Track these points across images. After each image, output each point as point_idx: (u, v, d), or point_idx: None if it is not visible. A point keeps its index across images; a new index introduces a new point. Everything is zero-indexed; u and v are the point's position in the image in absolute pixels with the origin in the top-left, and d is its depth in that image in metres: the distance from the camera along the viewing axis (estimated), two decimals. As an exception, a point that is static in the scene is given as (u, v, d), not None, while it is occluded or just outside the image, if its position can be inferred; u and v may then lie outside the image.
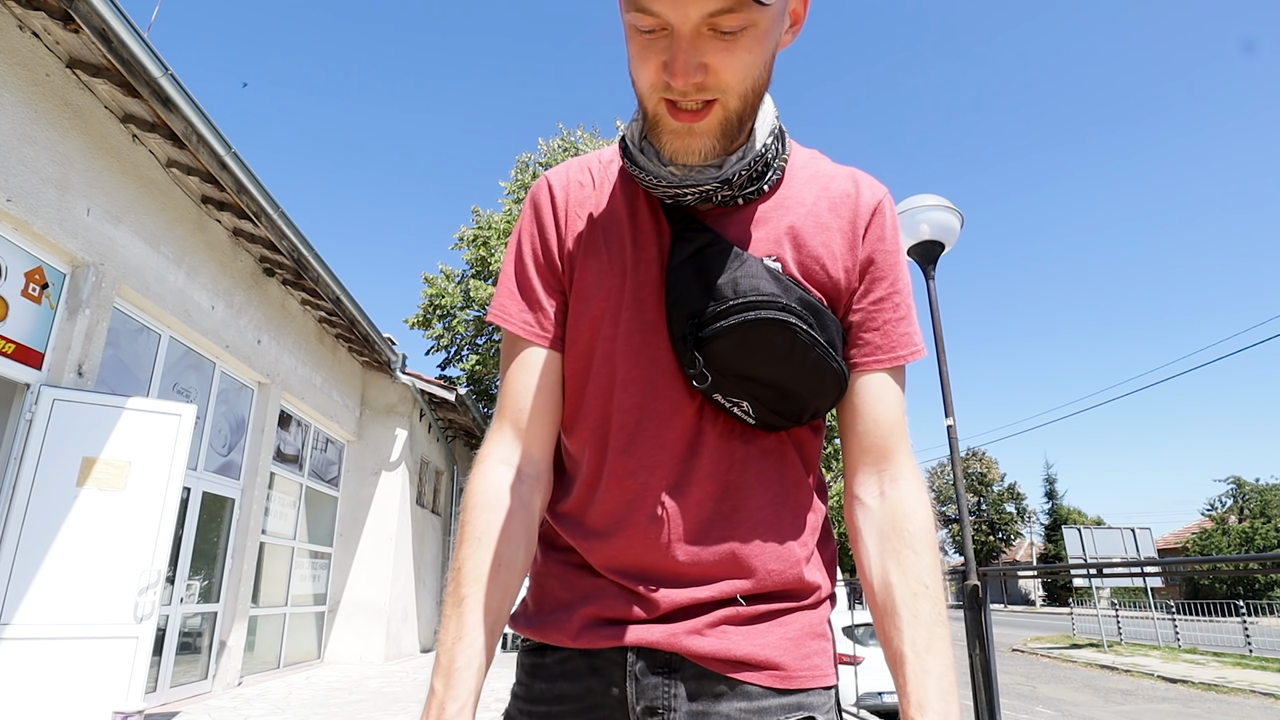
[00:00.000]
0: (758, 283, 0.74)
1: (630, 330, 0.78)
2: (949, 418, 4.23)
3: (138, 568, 4.25)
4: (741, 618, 0.75)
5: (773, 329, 0.73)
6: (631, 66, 0.69)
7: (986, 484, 54.50)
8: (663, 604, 0.75)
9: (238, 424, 7.08)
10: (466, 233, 13.64)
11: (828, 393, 0.78)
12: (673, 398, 0.77)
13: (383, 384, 10.41)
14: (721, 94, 0.67)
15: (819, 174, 0.83)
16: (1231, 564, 12.95)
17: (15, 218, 4.11)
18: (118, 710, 4.02)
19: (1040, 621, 30.53)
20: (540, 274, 0.83)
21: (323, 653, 9.33)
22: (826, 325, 0.76)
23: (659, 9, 0.62)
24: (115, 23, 4.00)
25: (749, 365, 0.74)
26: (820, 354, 0.75)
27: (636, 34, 0.66)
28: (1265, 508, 31.29)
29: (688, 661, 0.74)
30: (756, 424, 0.78)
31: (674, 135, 0.70)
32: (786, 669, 0.74)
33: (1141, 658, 14.34)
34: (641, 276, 0.78)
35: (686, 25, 0.63)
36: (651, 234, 0.79)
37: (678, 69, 0.64)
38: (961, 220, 4.51)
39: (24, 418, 4.21)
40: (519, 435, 0.81)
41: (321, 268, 6.90)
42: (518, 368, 0.82)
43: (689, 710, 0.73)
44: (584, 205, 0.83)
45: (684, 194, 0.75)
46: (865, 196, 0.81)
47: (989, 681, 3.49)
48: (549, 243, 0.83)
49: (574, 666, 0.77)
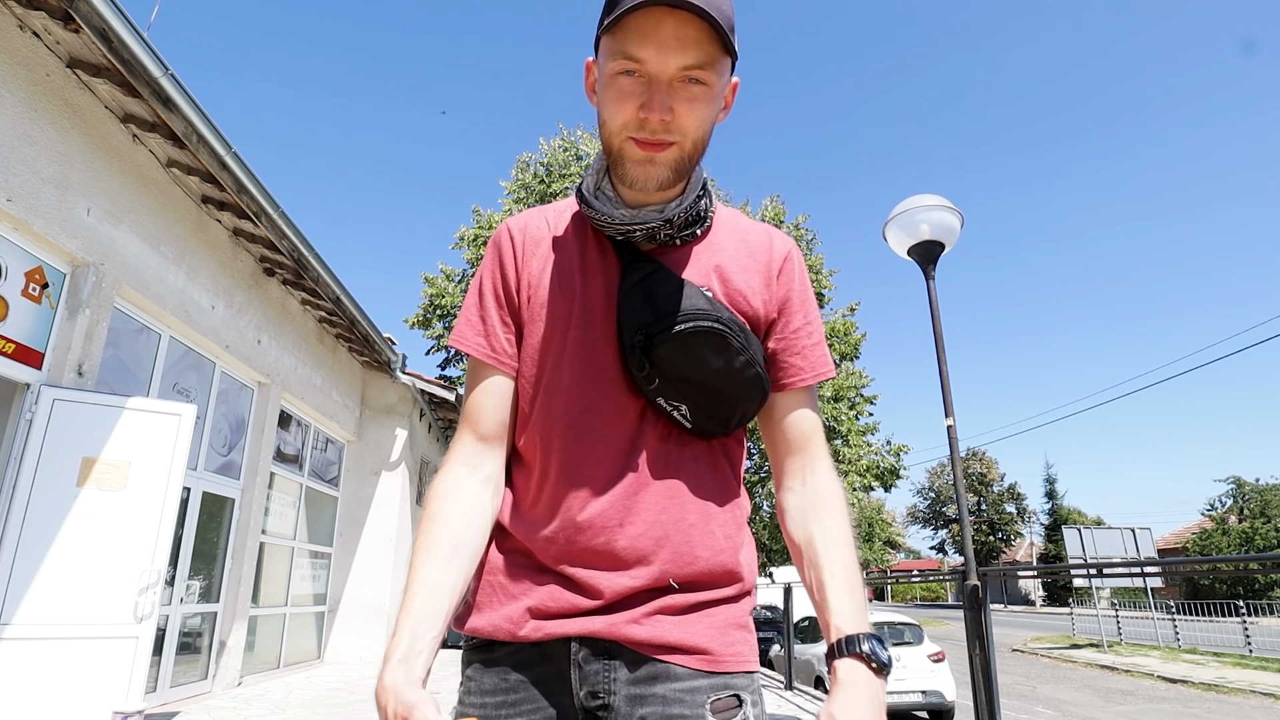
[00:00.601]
0: (696, 302, 0.88)
1: (578, 345, 0.90)
2: (949, 418, 4.23)
3: (138, 568, 4.25)
4: (674, 608, 0.85)
5: (710, 337, 0.86)
6: (605, 111, 0.84)
7: (986, 484, 54.47)
8: (605, 594, 0.84)
9: (238, 424, 7.08)
10: (467, 232, 13.63)
11: (752, 398, 0.91)
12: (617, 402, 0.88)
13: (383, 384, 10.41)
14: (681, 137, 0.83)
15: (739, 227, 0.99)
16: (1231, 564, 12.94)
17: (15, 218, 4.11)
18: (118, 710, 4.02)
19: (1040, 621, 30.52)
20: (498, 306, 0.96)
21: (323, 653, 9.33)
22: (751, 341, 0.90)
23: (645, 56, 0.78)
24: (115, 22, 4.00)
25: (689, 369, 0.86)
26: (747, 360, 0.88)
27: (616, 79, 0.82)
28: (1265, 508, 31.26)
29: (626, 648, 0.84)
30: (693, 428, 0.89)
31: (637, 164, 0.85)
32: (714, 654, 0.84)
33: (1141, 658, 14.34)
34: (589, 301, 0.91)
35: (665, 73, 0.79)
36: (599, 267, 0.93)
37: (655, 105, 0.80)
38: (961, 220, 4.51)
39: (24, 418, 4.22)
40: (478, 443, 0.93)
41: (321, 268, 6.90)
42: (476, 386, 0.94)
43: (627, 694, 0.83)
44: (539, 245, 0.96)
45: (633, 231, 0.90)
46: (777, 247, 0.98)
47: (989, 681, 3.49)
48: (508, 279, 0.96)
49: (526, 657, 0.86)
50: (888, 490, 13.65)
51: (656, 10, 0.77)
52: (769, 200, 14.96)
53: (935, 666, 8.43)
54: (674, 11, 0.76)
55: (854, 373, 13.33)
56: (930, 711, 8.47)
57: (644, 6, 0.76)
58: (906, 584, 62.04)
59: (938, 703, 8.25)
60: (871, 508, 31.23)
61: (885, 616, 9.34)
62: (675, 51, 0.78)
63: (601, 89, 0.85)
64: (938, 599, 60.61)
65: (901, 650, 8.53)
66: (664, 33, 0.77)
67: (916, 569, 66.20)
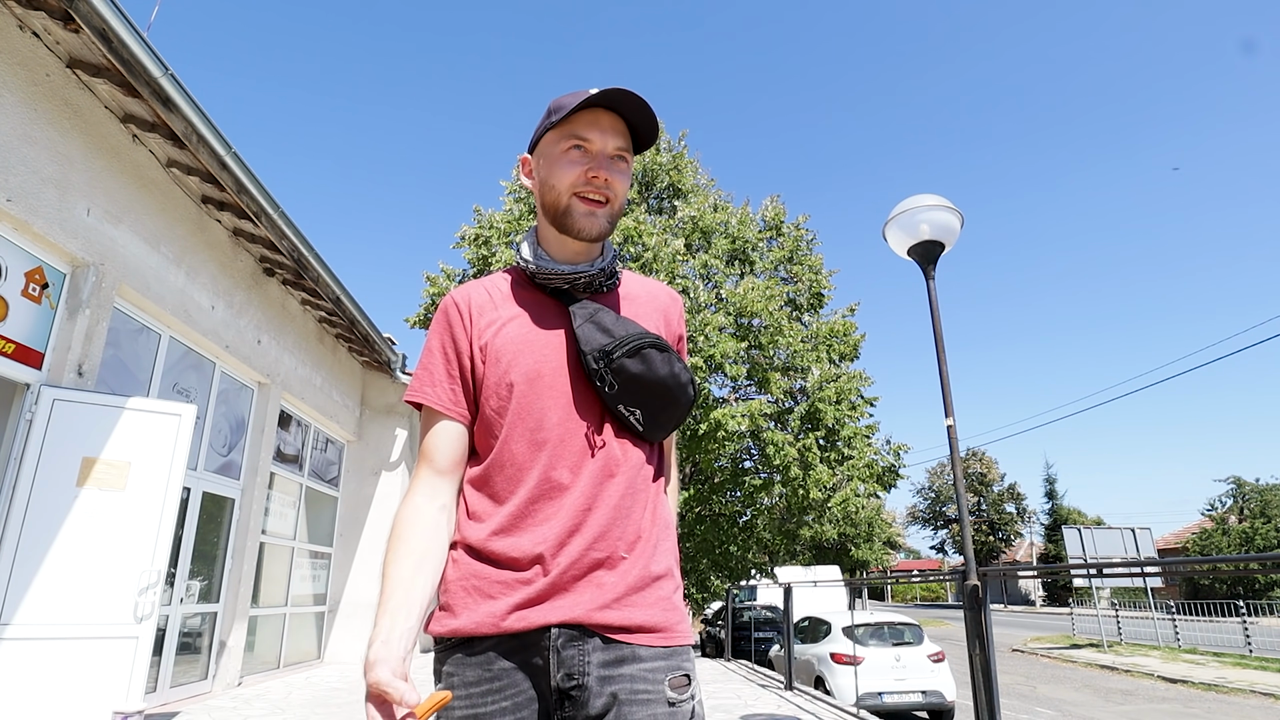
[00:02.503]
0: (636, 327, 1.10)
1: (540, 373, 1.07)
2: (949, 418, 4.23)
3: (138, 568, 4.25)
4: (634, 590, 1.01)
5: (656, 350, 1.09)
6: (553, 178, 1.10)
7: (986, 484, 54.43)
8: (575, 584, 0.99)
9: (238, 424, 7.08)
10: (468, 231, 13.62)
11: (688, 400, 1.13)
12: (580, 413, 1.07)
13: (383, 384, 10.41)
14: (614, 196, 1.11)
15: (640, 282, 1.24)
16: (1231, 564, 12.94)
17: (15, 218, 4.10)
18: (118, 710, 4.02)
19: (1040, 621, 30.52)
20: (446, 363, 1.12)
21: (323, 653, 9.33)
22: (678, 356, 1.14)
23: (591, 137, 1.08)
24: (115, 23, 4.00)
25: (645, 377, 1.07)
26: (683, 367, 1.13)
27: (567, 154, 1.09)
28: (1265, 508, 31.24)
29: (596, 633, 0.98)
30: (643, 432, 1.09)
31: (584, 215, 1.09)
32: (669, 630, 1.02)
33: (1141, 658, 14.34)
34: (545, 337, 1.10)
35: (605, 150, 1.09)
36: (547, 310, 1.13)
37: (600, 169, 1.08)
38: (961, 220, 4.51)
39: (24, 418, 4.21)
40: (435, 477, 1.09)
41: (321, 268, 6.90)
42: (430, 431, 1.11)
43: (599, 675, 0.96)
44: (484, 308, 1.14)
45: (577, 279, 1.12)
46: (672, 300, 1.25)
47: (989, 681, 3.49)
48: (457, 339, 1.13)
49: (507, 647, 0.98)
50: (888, 490, 13.63)
51: (598, 109, 1.08)
52: (769, 200, 14.95)
53: (935, 666, 8.43)
54: (609, 111, 1.09)
55: (854, 374, 13.31)
56: (930, 711, 8.47)
57: (591, 107, 1.07)
58: (906, 584, 62.03)
59: (938, 703, 8.25)
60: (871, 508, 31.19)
61: (885, 616, 9.33)
62: (612, 136, 1.09)
63: (548, 164, 1.12)
64: (938, 599, 60.59)
65: (901, 650, 8.53)
66: (604, 122, 1.08)
67: (916, 569, 66.20)
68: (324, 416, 8.91)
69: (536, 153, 1.16)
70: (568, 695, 0.95)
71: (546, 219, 1.14)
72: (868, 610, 13.00)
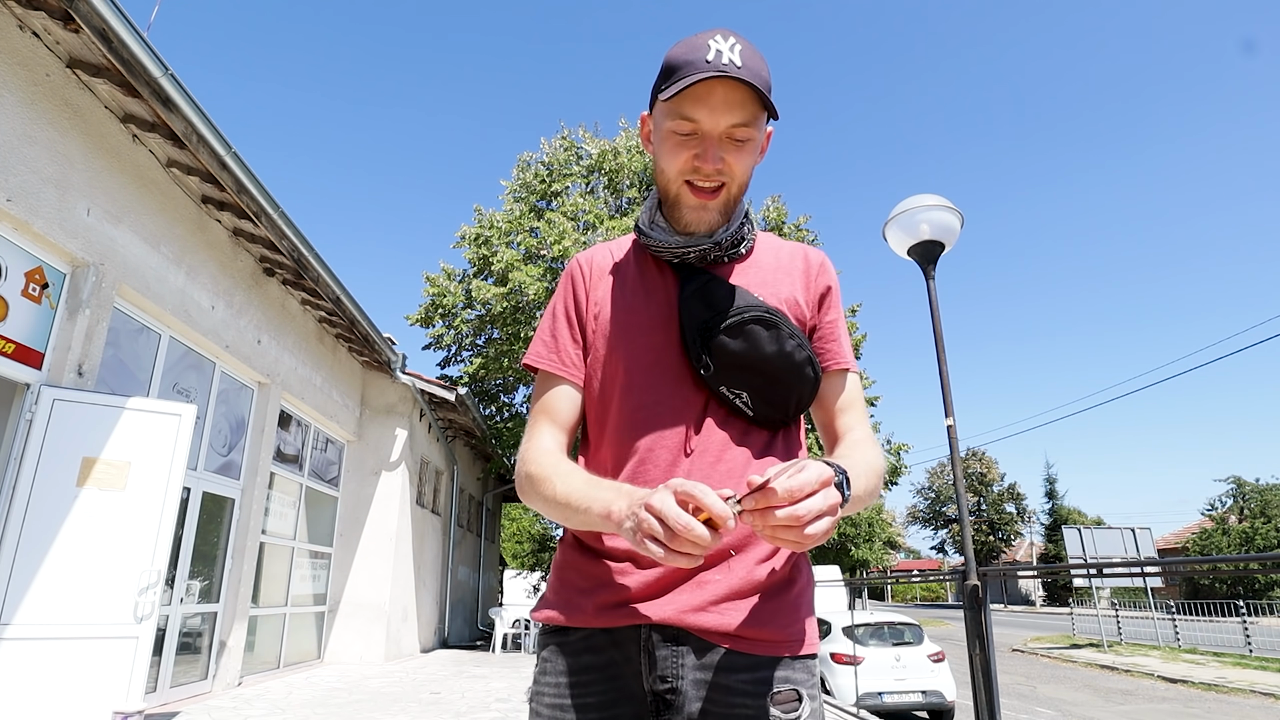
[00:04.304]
0: (747, 299, 1.01)
1: (645, 349, 1.01)
2: (949, 418, 4.23)
3: (138, 568, 4.25)
4: (740, 593, 0.91)
5: (762, 325, 0.98)
6: (663, 159, 0.99)
7: (986, 484, 54.41)
8: (674, 582, 0.91)
9: (238, 424, 7.08)
10: (468, 231, 13.61)
11: (805, 380, 1.01)
12: (683, 396, 0.98)
13: (383, 384, 10.41)
14: (730, 180, 0.97)
15: (775, 246, 1.13)
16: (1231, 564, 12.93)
17: (15, 218, 4.10)
18: (118, 710, 4.02)
19: (1040, 621, 30.51)
20: (568, 325, 1.09)
21: (323, 653, 9.32)
22: (795, 330, 1.01)
23: (699, 117, 0.93)
24: (115, 23, 4.00)
25: (746, 355, 0.97)
26: (798, 343, 1.00)
27: (673, 135, 0.96)
28: (1265, 508, 31.22)
29: (693, 635, 0.90)
30: (754, 416, 0.98)
31: (692, 209, 1.00)
32: (779, 638, 0.91)
33: (1141, 658, 14.34)
34: (653, 310, 1.04)
35: (716, 130, 0.93)
36: (659, 284, 1.06)
37: (709, 158, 0.94)
38: (961, 220, 4.50)
39: (24, 418, 4.21)
40: (553, 427, 1.04)
41: (321, 268, 6.90)
42: (548, 392, 1.07)
43: (694, 679, 0.89)
44: (604, 273, 1.10)
45: (688, 253, 1.03)
46: (811, 257, 1.12)
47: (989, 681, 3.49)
48: (578, 302, 1.09)
49: (597, 642, 0.93)
50: (888, 489, 13.63)
51: (709, 80, 0.91)
52: (770, 200, 14.94)
53: (935, 666, 8.43)
54: (723, 80, 0.90)
55: (854, 374, 13.30)
56: (930, 711, 8.47)
57: (700, 80, 0.91)
58: (906, 584, 62.02)
59: (938, 703, 8.25)
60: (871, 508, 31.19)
61: (885, 616, 9.33)
62: (724, 113, 0.92)
63: (659, 142, 1.00)
64: (938, 599, 60.59)
65: (901, 650, 8.53)
66: (715, 98, 0.92)
67: (916, 569, 66.16)
68: (324, 416, 8.91)
69: (653, 117, 1.03)
70: (663, 699, 0.90)
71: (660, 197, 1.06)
72: (868, 610, 12.99)
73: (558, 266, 12.66)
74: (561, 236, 11.98)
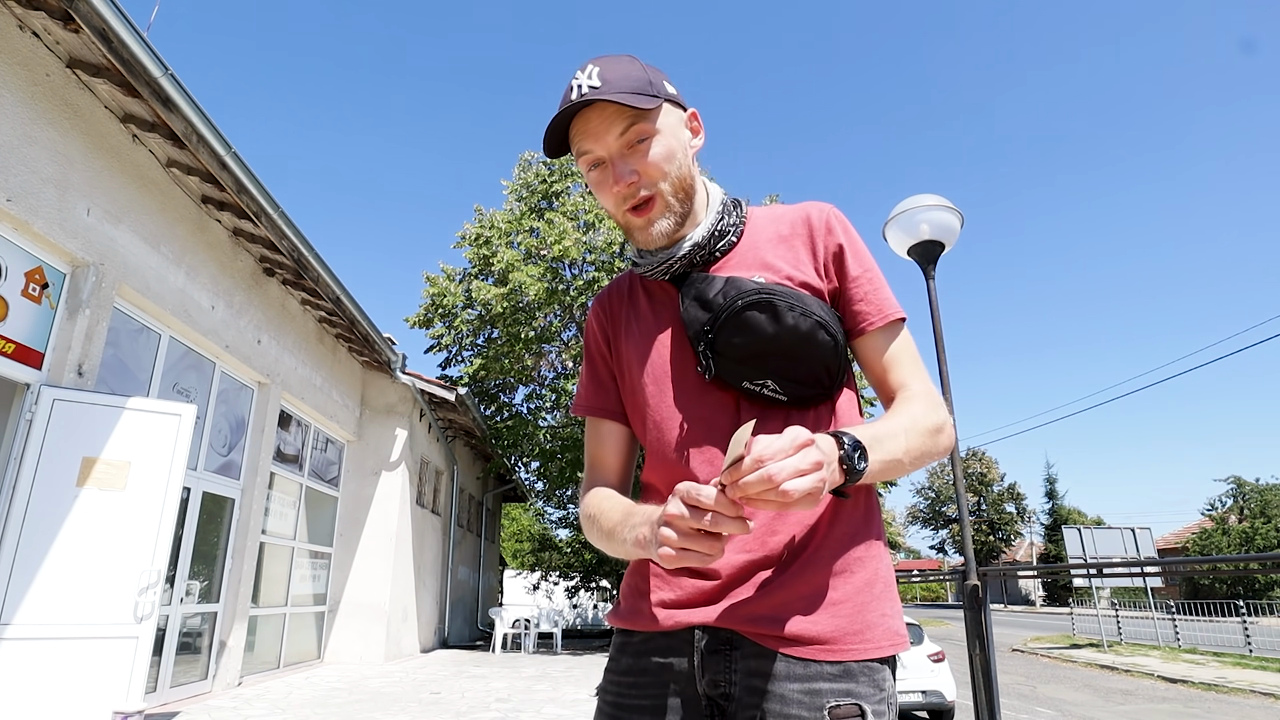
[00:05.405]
0: (740, 286, 0.96)
1: (665, 366, 1.01)
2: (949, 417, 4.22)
3: (138, 568, 4.25)
4: (798, 595, 0.88)
5: (759, 307, 0.93)
6: (601, 202, 0.99)
7: (986, 484, 54.41)
8: (729, 585, 0.90)
9: (238, 424, 7.08)
10: (469, 231, 13.60)
11: (821, 346, 0.94)
12: (710, 404, 0.97)
13: (383, 384, 10.41)
14: (650, 185, 0.95)
15: (774, 216, 1.07)
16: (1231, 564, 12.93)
17: (15, 218, 4.10)
18: (118, 710, 4.02)
19: (1040, 621, 30.51)
20: (603, 366, 1.12)
21: (323, 653, 9.32)
22: (803, 299, 0.95)
23: (590, 147, 0.93)
24: (115, 23, 4.00)
25: (752, 345, 0.93)
26: (801, 312, 0.93)
27: (591, 177, 0.96)
28: (1265, 508, 31.20)
29: (746, 639, 0.88)
30: (788, 400, 0.94)
31: (639, 229, 0.98)
32: (840, 642, 0.86)
33: (1141, 658, 14.34)
34: (662, 329, 1.04)
35: (610, 149, 0.93)
36: (665, 300, 1.06)
37: (618, 177, 0.93)
38: (961, 220, 4.50)
39: (24, 418, 4.21)
40: (602, 466, 1.09)
41: (321, 268, 6.90)
42: (594, 440, 1.11)
43: (747, 685, 0.86)
44: (620, 309, 1.12)
45: (674, 265, 1.01)
46: (814, 215, 1.04)
47: (989, 681, 3.49)
48: (602, 346, 1.12)
49: (655, 645, 0.95)
50: (888, 489, 13.63)
51: (578, 114, 0.92)
52: (769, 200, 14.97)
53: (935, 666, 8.42)
54: (591, 105, 0.91)
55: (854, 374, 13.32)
56: (930, 711, 8.47)
57: (563, 117, 0.92)
58: (906, 584, 62.01)
59: (938, 703, 8.25)
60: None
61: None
62: (605, 132, 0.92)
63: (592, 189, 1.00)
64: (938, 599, 60.61)
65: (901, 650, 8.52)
66: (590, 124, 0.92)
67: (916, 569, 66.17)
68: (324, 416, 8.91)
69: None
70: (716, 704, 0.89)
71: None
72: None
73: (558, 266, 12.66)
74: (562, 236, 11.98)
